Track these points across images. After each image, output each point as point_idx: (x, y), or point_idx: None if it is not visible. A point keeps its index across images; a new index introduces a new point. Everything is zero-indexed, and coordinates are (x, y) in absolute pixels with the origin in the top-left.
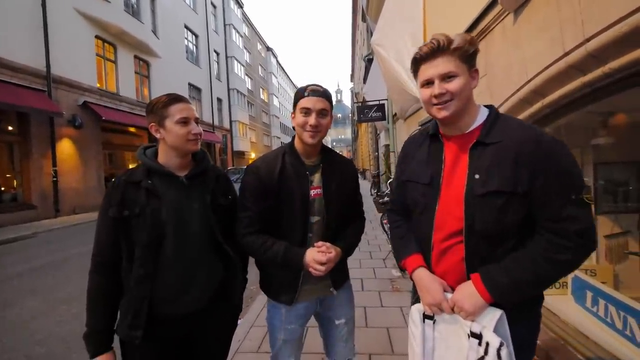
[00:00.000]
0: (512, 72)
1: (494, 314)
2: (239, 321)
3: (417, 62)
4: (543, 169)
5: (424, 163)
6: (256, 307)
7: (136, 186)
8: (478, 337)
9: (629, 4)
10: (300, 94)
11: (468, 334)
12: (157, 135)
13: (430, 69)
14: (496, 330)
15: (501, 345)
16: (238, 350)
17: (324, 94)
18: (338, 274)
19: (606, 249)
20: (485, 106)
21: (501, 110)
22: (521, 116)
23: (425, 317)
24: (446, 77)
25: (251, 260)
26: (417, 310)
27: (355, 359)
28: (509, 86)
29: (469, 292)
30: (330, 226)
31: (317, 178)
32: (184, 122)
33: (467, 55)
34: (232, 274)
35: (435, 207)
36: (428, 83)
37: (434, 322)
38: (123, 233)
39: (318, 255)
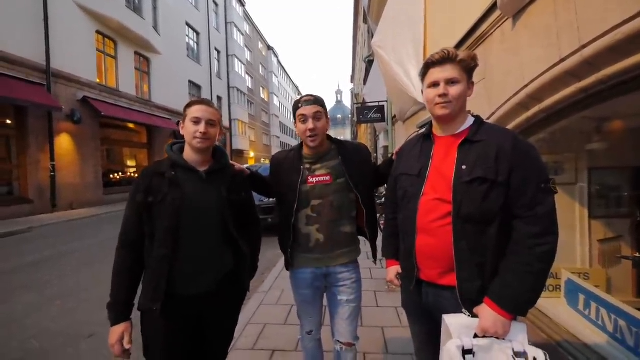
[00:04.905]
0: (510, 76)
1: (522, 328)
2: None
3: (428, 66)
4: (520, 164)
5: (416, 158)
6: (252, 306)
7: (161, 176)
8: (523, 355)
9: (623, 13)
10: (296, 106)
11: (512, 356)
12: (182, 132)
13: (439, 73)
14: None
15: (545, 356)
16: (234, 347)
17: (316, 101)
18: (345, 249)
19: (599, 253)
20: (473, 115)
21: (498, 113)
22: (517, 120)
23: (465, 352)
24: (450, 82)
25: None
26: (455, 346)
27: (357, 343)
28: (507, 90)
29: (492, 317)
30: (366, 206)
31: (324, 167)
32: (195, 121)
33: (469, 68)
34: (241, 264)
35: (420, 195)
36: (435, 85)
37: (473, 356)
38: (147, 216)
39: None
